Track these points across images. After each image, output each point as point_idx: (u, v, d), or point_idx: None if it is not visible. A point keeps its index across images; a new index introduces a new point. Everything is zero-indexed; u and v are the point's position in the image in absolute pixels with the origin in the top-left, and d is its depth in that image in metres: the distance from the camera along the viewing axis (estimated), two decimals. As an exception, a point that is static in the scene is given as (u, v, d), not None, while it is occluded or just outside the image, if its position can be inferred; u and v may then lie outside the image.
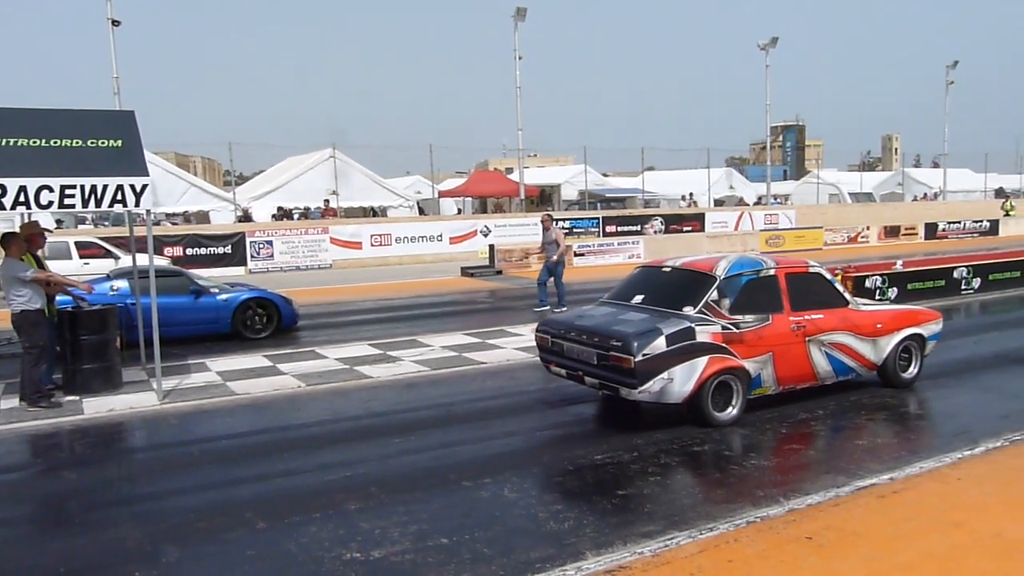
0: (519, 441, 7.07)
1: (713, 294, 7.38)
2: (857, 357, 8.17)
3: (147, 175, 8.28)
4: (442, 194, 39.34)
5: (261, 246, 23.81)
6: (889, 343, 8.34)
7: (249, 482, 6.22)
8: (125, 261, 15.74)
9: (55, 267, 9.49)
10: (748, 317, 7.42)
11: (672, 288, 7.83)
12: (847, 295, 8.36)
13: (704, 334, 7.12)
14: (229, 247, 23.29)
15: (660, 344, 6.89)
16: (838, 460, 6.42)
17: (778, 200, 44.66)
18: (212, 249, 22.98)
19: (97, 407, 8.30)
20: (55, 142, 8.20)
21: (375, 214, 32.90)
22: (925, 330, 8.68)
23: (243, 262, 23.42)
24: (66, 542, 5.17)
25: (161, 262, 19.01)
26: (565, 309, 13.73)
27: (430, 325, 13.57)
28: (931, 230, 33.97)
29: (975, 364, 9.19)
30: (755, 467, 6.23)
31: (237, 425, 7.84)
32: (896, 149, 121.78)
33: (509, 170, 42.68)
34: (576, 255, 24.96)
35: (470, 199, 40.44)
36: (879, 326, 8.28)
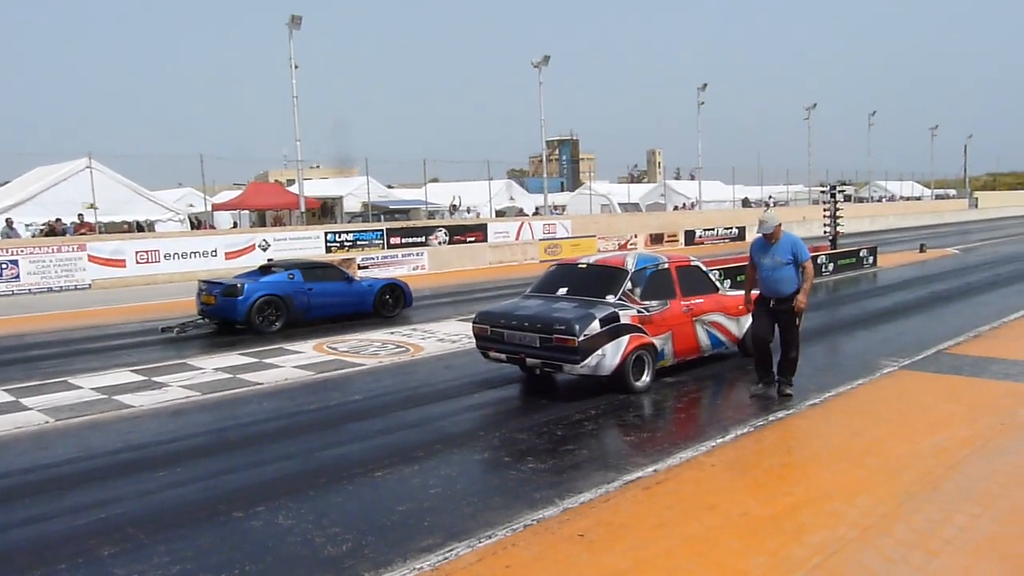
0: (296, 464, 6.78)
1: (628, 284, 8.85)
2: (727, 333, 9.91)
3: None
4: (216, 207, 37.21)
5: (4, 266, 21.20)
6: (747, 321, 9.74)
7: (-21, 536, 5.46)
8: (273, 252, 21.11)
9: None
10: (653, 302, 8.93)
11: (592, 281, 9.14)
12: (717, 283, 10.07)
13: (625, 317, 8.54)
14: (-38, 268, 20.49)
15: (595, 326, 8.24)
16: (609, 457, 6.79)
17: (555, 211, 46.67)
18: (-60, 271, 20.11)
19: None
20: None
21: (141, 229, 30.45)
22: None
23: (-20, 284, 20.69)
24: None
25: None
26: None
27: (203, 346, 12.74)
28: (690, 236, 37.19)
29: (724, 356, 10.11)
30: (532, 470, 6.40)
31: (-34, 472, 6.86)
32: (659, 163, 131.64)
33: (291, 182, 41.23)
34: (360, 267, 24.61)
35: (247, 212, 38.57)
36: (740, 307, 9.78)
